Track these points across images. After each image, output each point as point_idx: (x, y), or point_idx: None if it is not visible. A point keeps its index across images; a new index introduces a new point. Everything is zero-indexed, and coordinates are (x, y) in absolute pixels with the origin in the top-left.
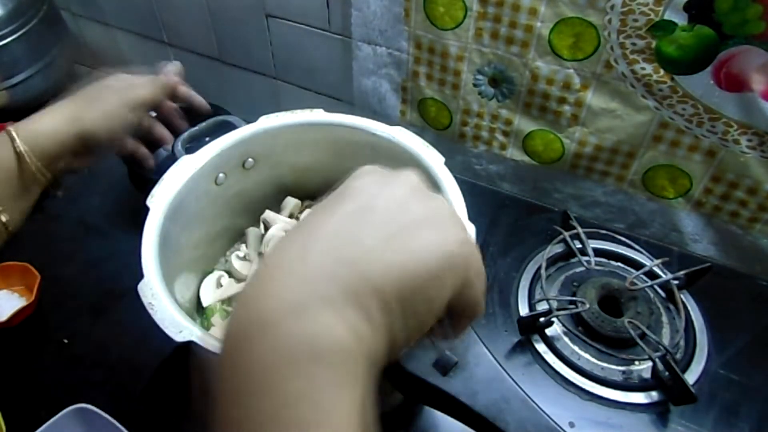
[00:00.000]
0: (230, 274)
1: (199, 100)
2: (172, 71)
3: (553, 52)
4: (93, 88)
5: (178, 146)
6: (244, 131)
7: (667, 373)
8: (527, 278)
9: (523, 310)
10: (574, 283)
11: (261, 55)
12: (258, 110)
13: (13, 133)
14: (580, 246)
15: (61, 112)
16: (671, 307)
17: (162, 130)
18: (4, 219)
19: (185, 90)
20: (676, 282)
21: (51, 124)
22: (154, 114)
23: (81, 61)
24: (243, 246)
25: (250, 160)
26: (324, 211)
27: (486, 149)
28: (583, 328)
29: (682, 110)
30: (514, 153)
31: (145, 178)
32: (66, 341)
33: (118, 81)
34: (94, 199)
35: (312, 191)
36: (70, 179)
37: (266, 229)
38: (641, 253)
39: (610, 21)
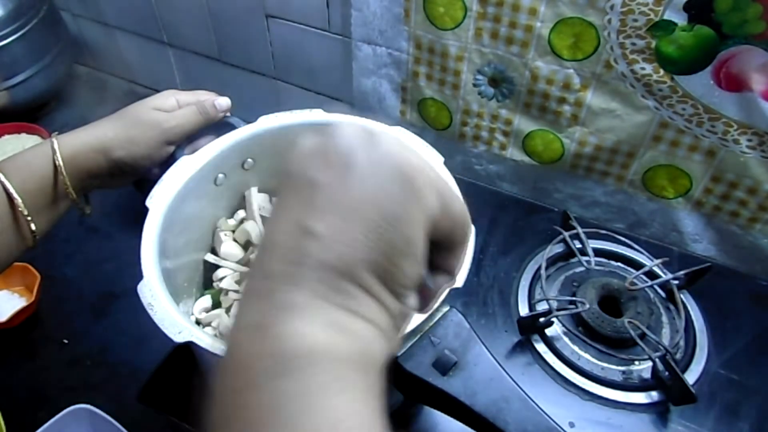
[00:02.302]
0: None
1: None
2: (222, 107)
3: (553, 52)
4: (134, 116)
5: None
6: (243, 132)
7: (667, 373)
8: (527, 278)
9: (523, 310)
10: (574, 283)
11: (261, 55)
12: (258, 110)
13: (55, 145)
14: (580, 246)
15: (101, 138)
16: (671, 307)
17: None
18: (33, 227)
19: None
20: (676, 282)
21: (88, 147)
22: None
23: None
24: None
25: (249, 160)
26: (281, 207)
27: (486, 149)
28: (583, 328)
29: (682, 110)
30: (514, 153)
31: (145, 179)
32: (66, 341)
33: (159, 113)
34: (94, 200)
35: None
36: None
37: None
38: (641, 253)
39: (609, 21)
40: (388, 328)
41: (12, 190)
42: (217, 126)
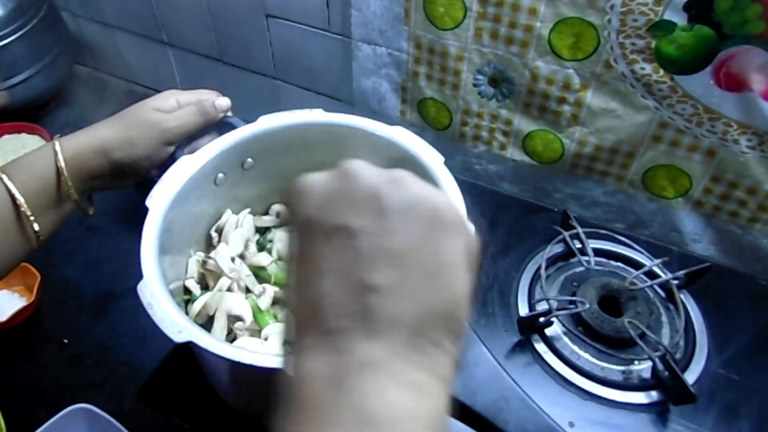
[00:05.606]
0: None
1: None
2: (222, 107)
3: (553, 52)
4: (134, 117)
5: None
6: (243, 131)
7: (666, 373)
8: (527, 278)
9: (523, 310)
10: (574, 283)
11: (261, 55)
12: (258, 110)
13: (57, 147)
14: (579, 246)
15: (101, 139)
16: (671, 306)
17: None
18: (36, 228)
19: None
20: (675, 282)
21: (89, 149)
22: None
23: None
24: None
25: (249, 160)
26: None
27: (486, 149)
28: (583, 328)
29: (682, 110)
30: (514, 153)
31: (145, 179)
32: (66, 341)
33: (158, 113)
34: (95, 200)
35: None
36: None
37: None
38: (641, 253)
39: (609, 21)
40: (454, 377)
41: (15, 191)
42: (217, 126)
